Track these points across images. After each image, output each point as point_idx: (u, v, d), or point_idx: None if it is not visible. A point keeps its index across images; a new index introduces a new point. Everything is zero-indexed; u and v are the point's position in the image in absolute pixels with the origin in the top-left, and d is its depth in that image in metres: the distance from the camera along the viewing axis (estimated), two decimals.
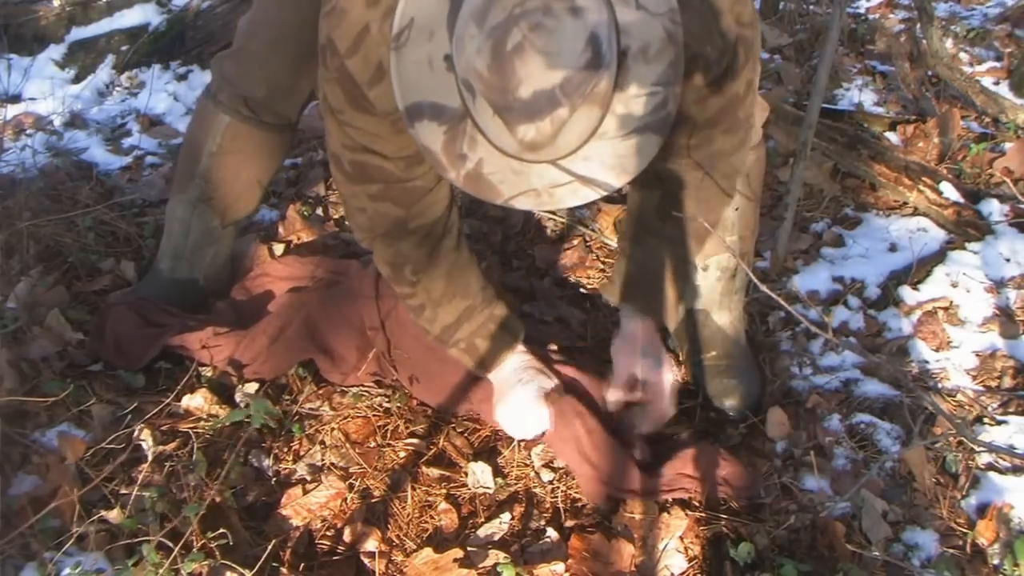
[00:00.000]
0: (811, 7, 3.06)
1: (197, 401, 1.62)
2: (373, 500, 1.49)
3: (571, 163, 1.06)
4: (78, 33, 3.05)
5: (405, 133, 1.19)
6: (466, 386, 1.60)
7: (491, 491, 1.51)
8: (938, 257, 1.90)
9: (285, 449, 1.58)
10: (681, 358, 1.78)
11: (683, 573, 1.37)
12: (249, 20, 1.75)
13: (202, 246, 1.83)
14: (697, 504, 1.45)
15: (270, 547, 1.33)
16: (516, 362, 1.55)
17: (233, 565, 1.30)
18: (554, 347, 1.67)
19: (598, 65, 0.99)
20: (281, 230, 2.11)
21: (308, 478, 1.53)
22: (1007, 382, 1.61)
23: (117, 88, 2.85)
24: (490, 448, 1.60)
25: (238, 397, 1.66)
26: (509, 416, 1.53)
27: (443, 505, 1.48)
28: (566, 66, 0.97)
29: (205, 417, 1.60)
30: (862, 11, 3.20)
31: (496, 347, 1.52)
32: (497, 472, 1.54)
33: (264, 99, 1.74)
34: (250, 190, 1.86)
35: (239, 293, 1.86)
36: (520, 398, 1.51)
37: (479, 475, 1.52)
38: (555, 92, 0.97)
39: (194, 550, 1.29)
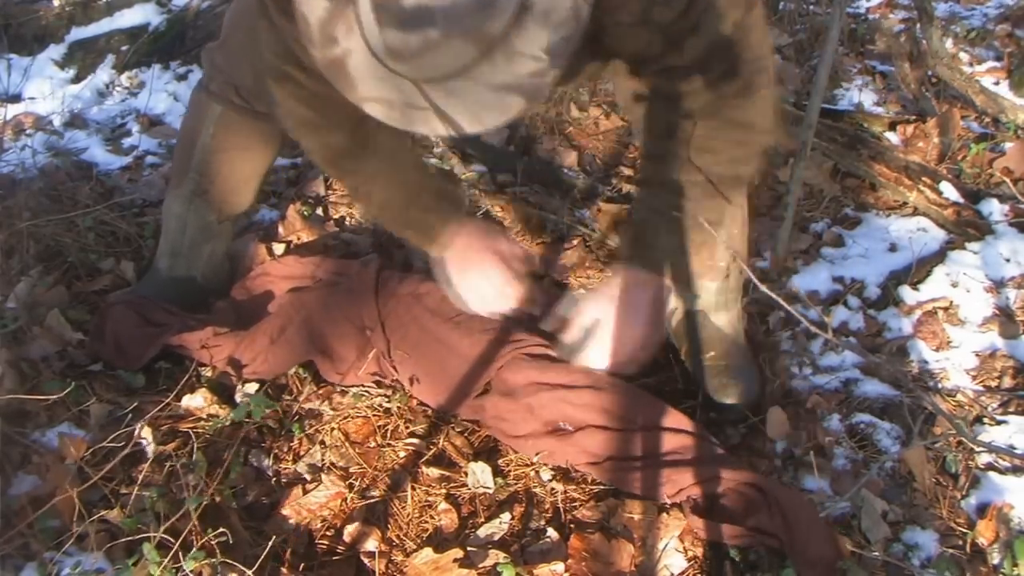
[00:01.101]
0: (811, 7, 3.06)
1: (197, 401, 1.62)
2: (373, 500, 1.49)
3: (433, 90, 1.02)
4: (78, 33, 3.05)
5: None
6: (466, 387, 1.60)
7: (491, 491, 1.51)
8: (938, 257, 1.90)
9: (285, 449, 1.58)
10: (680, 357, 1.78)
11: (683, 573, 1.37)
12: (233, 10, 1.75)
13: (199, 243, 1.83)
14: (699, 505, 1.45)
15: (270, 547, 1.33)
16: (472, 229, 1.53)
17: (233, 564, 1.30)
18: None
19: (489, 6, 0.95)
20: (281, 230, 2.11)
21: (308, 478, 1.53)
22: (1007, 382, 1.61)
23: (117, 88, 2.85)
24: (490, 448, 1.60)
25: (238, 397, 1.66)
26: (471, 289, 1.52)
27: (443, 505, 1.48)
28: None
29: (205, 417, 1.60)
30: (862, 11, 3.20)
31: (444, 219, 1.50)
32: (497, 472, 1.54)
33: (253, 87, 1.73)
34: (246, 183, 1.85)
35: (239, 293, 1.86)
36: (485, 271, 1.50)
37: (479, 475, 1.52)
38: (436, 13, 0.94)
39: (194, 549, 1.29)
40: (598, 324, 1.49)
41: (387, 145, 1.46)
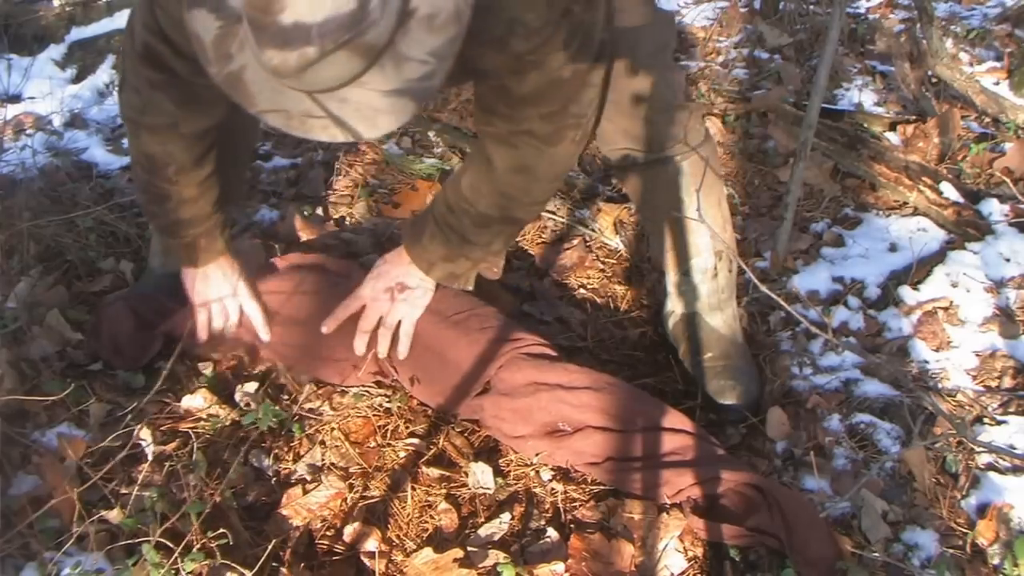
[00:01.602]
0: (811, 7, 3.07)
1: (197, 401, 1.62)
2: (373, 500, 1.49)
3: (327, 100, 1.05)
4: (78, 33, 3.05)
5: None
6: (466, 386, 1.60)
7: (491, 491, 1.51)
8: (938, 257, 1.90)
9: (285, 449, 1.58)
10: (679, 358, 1.78)
11: (683, 573, 1.36)
12: None
13: None
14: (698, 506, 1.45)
15: (270, 547, 1.33)
16: (225, 263, 1.67)
17: (233, 565, 1.30)
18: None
19: (361, 19, 0.97)
20: (281, 230, 2.11)
21: (308, 478, 1.53)
22: (1007, 382, 1.61)
23: (117, 88, 2.85)
24: (490, 448, 1.60)
25: (238, 396, 1.66)
26: (198, 278, 1.66)
27: (443, 505, 1.48)
28: (329, 9, 0.96)
29: (205, 417, 1.60)
30: (862, 11, 3.20)
31: (212, 251, 1.64)
32: (497, 472, 1.54)
33: None
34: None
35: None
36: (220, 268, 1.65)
37: (479, 475, 1.52)
38: (312, 30, 0.96)
39: (194, 550, 1.29)
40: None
41: (208, 169, 1.55)
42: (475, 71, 1.30)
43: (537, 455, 1.53)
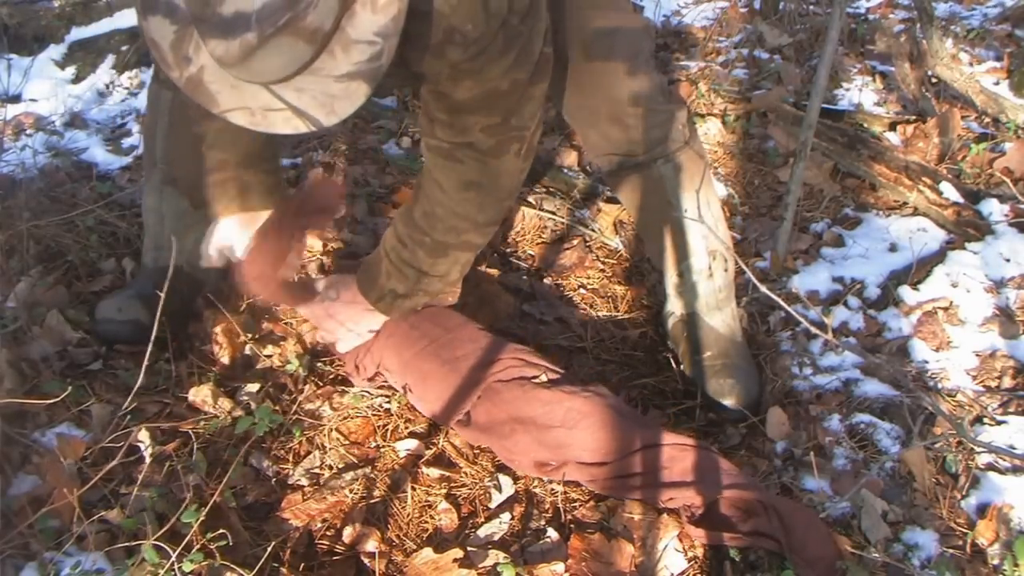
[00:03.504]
0: (811, 7, 3.07)
1: (204, 393, 1.62)
2: (373, 500, 1.49)
3: (283, 90, 1.08)
4: (78, 33, 3.05)
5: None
6: (448, 415, 1.59)
7: (504, 498, 1.50)
8: (938, 257, 1.90)
9: (285, 449, 1.58)
10: (679, 358, 1.78)
11: (683, 573, 1.37)
12: None
13: (179, 232, 1.79)
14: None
15: (270, 547, 1.33)
16: (237, 222, 1.61)
17: (232, 566, 1.29)
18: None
19: (297, 2, 1.00)
20: None
21: (308, 478, 1.53)
22: (1007, 382, 1.61)
23: (117, 88, 2.85)
24: (490, 448, 1.60)
25: (242, 396, 1.66)
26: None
27: (443, 505, 1.48)
28: None
29: (205, 417, 1.60)
30: (862, 11, 3.20)
31: (220, 204, 1.60)
32: (497, 471, 1.54)
33: None
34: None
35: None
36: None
37: (502, 484, 1.52)
38: (251, 17, 0.99)
39: (194, 550, 1.29)
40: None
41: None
42: (416, 75, 1.32)
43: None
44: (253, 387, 1.67)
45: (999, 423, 1.52)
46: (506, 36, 1.26)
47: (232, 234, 1.60)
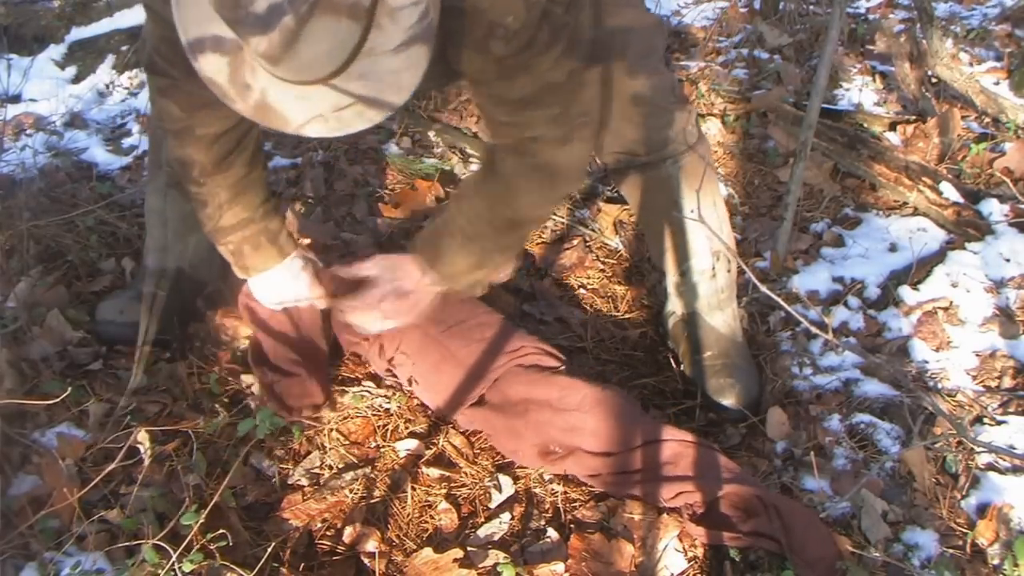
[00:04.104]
0: (811, 7, 3.07)
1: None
2: (373, 500, 1.49)
3: (347, 83, 1.04)
4: (78, 33, 3.05)
5: None
6: (461, 396, 1.59)
7: (504, 497, 1.50)
8: (938, 257, 1.90)
9: (285, 450, 1.58)
10: (679, 358, 1.78)
11: (683, 573, 1.37)
12: None
13: (182, 234, 1.80)
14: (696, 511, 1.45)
15: (271, 547, 1.33)
16: (283, 269, 1.60)
17: (232, 566, 1.29)
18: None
19: None
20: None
21: (308, 478, 1.53)
22: (1007, 382, 1.61)
23: (117, 88, 2.85)
24: (490, 448, 1.60)
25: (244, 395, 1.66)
26: (259, 284, 1.60)
27: (443, 505, 1.48)
28: None
29: (205, 417, 1.60)
30: (862, 11, 3.20)
31: (261, 258, 1.58)
32: (498, 471, 1.54)
33: None
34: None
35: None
36: (279, 274, 1.59)
37: (502, 484, 1.52)
38: (283, 4, 0.96)
39: (194, 550, 1.29)
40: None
41: (238, 172, 1.51)
42: (461, 73, 1.30)
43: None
44: (255, 387, 1.68)
45: (999, 423, 1.52)
46: (551, 27, 1.24)
47: (287, 279, 1.61)
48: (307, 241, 1.86)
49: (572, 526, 1.45)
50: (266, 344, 1.67)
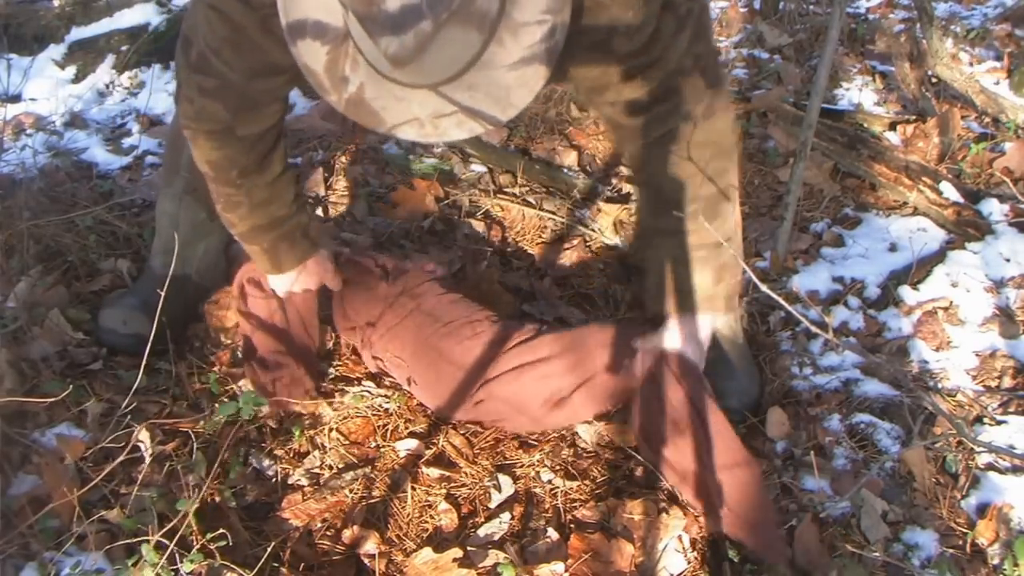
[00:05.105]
0: (811, 7, 3.07)
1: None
2: (373, 500, 1.49)
3: (454, 91, 1.03)
4: (78, 33, 3.05)
5: (270, 35, 1.19)
6: (461, 396, 1.60)
7: (504, 497, 1.50)
8: (938, 257, 1.90)
9: (285, 449, 1.58)
10: None
11: (683, 573, 1.37)
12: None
13: (192, 240, 1.81)
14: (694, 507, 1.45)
15: (270, 547, 1.33)
16: (313, 263, 1.65)
17: (232, 565, 1.30)
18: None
19: None
20: None
21: (308, 478, 1.53)
22: (1007, 382, 1.61)
23: (117, 88, 2.85)
24: (490, 448, 1.60)
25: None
26: (283, 278, 1.64)
27: (443, 505, 1.48)
28: None
29: (205, 416, 1.60)
30: (862, 11, 3.20)
31: (297, 253, 1.61)
32: (498, 471, 1.54)
33: None
34: None
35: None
36: (310, 267, 1.64)
37: (502, 484, 1.52)
38: (421, 5, 0.94)
39: (194, 550, 1.29)
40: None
41: (275, 170, 1.52)
42: (585, 87, 1.29)
43: (541, 454, 1.53)
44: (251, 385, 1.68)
45: (999, 423, 1.52)
46: (676, 17, 1.22)
47: (316, 271, 1.66)
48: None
49: (572, 526, 1.45)
50: (256, 339, 1.68)
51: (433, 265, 1.81)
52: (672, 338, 1.53)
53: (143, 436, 1.51)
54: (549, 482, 1.52)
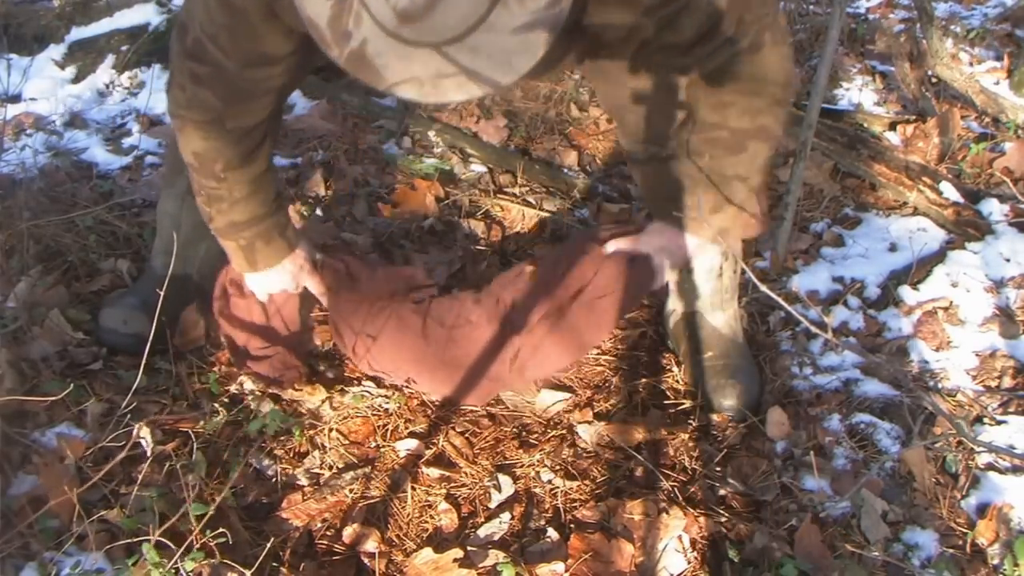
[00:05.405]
0: (811, 7, 3.07)
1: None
2: (373, 500, 1.49)
3: (457, 52, 1.02)
4: (78, 33, 3.04)
5: (271, 20, 1.20)
6: (470, 380, 1.60)
7: (504, 497, 1.50)
8: (938, 257, 1.90)
9: (285, 449, 1.58)
10: (679, 358, 1.78)
11: (683, 573, 1.37)
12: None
13: (194, 241, 1.81)
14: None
15: (270, 547, 1.33)
16: (289, 263, 1.64)
17: (233, 565, 1.30)
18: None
19: None
20: None
21: (308, 478, 1.53)
22: (1007, 382, 1.61)
23: (117, 88, 2.85)
24: (490, 448, 1.60)
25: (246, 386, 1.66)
26: (259, 278, 1.64)
27: (443, 505, 1.48)
28: None
29: (206, 416, 1.60)
30: (862, 11, 3.20)
31: (273, 252, 1.61)
32: (497, 471, 1.54)
33: None
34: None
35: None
36: (285, 267, 1.64)
37: (502, 484, 1.52)
38: None
39: (194, 550, 1.29)
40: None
41: (259, 167, 1.52)
42: (618, 47, 1.29)
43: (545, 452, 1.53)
44: (251, 385, 1.68)
45: (999, 423, 1.52)
46: None
47: (292, 271, 1.66)
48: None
49: (572, 526, 1.45)
50: (238, 338, 1.69)
51: (411, 270, 1.81)
52: (647, 241, 1.56)
53: (144, 433, 1.51)
54: (549, 482, 1.52)
